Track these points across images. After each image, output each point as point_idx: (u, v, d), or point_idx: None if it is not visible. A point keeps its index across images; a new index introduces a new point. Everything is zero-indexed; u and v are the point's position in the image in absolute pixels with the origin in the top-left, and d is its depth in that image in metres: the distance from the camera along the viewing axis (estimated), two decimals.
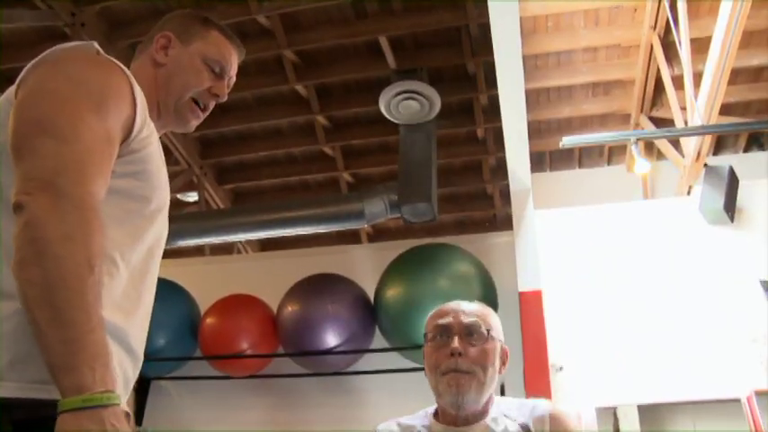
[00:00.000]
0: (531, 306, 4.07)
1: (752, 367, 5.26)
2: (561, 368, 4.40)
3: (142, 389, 4.77)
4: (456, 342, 1.64)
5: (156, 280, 1.25)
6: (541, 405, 1.69)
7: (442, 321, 1.70)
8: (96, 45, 1.21)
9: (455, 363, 1.63)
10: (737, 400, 5.92)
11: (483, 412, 1.68)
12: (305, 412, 4.35)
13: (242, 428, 4.49)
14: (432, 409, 1.76)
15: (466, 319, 1.69)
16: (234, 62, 1.44)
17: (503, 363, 1.74)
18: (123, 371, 1.10)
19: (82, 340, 0.90)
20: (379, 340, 4.08)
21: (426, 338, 1.73)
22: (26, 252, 0.92)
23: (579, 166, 6.15)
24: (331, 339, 3.95)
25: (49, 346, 0.89)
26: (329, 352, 3.99)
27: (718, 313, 4.54)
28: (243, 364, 4.29)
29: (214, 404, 4.60)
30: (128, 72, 1.18)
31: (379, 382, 4.03)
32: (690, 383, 5.37)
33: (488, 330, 1.69)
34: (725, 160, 4.97)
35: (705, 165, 4.56)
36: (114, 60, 1.18)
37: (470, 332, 1.67)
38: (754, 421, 5.79)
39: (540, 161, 5.96)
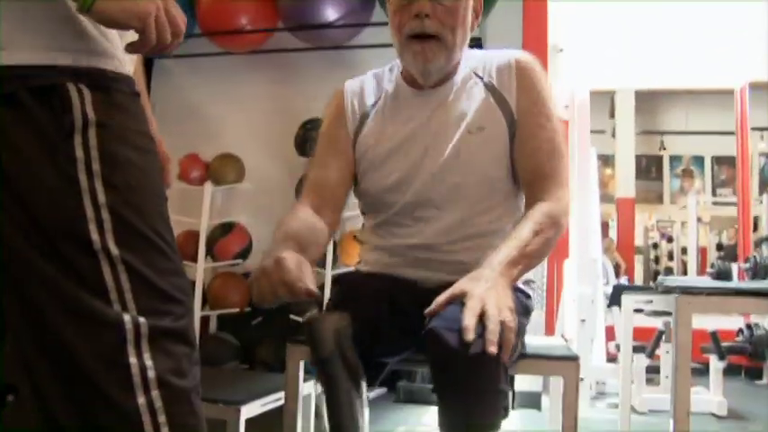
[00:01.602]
0: None
1: (751, 59, 5.27)
2: (561, 50, 4.42)
3: (145, 70, 4.84)
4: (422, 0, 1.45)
5: None
6: (509, 54, 1.56)
7: None
8: None
9: (420, 26, 1.46)
10: (731, 92, 6.08)
11: (451, 73, 1.58)
12: (305, 86, 4.45)
13: (244, 103, 4.65)
14: (400, 66, 1.64)
15: None
16: None
17: (476, 16, 1.57)
18: None
19: None
20: (379, 14, 4.02)
21: None
22: None
23: None
24: (331, 13, 3.90)
25: None
26: (329, 26, 3.96)
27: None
28: (243, 40, 4.28)
29: (216, 81, 4.69)
30: None
31: (380, 56, 4.05)
32: (688, 72, 5.45)
33: None
34: None
35: None
36: None
37: None
38: (742, 113, 6.00)
39: None
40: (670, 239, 9.51)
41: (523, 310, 1.48)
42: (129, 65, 1.03)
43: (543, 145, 1.49)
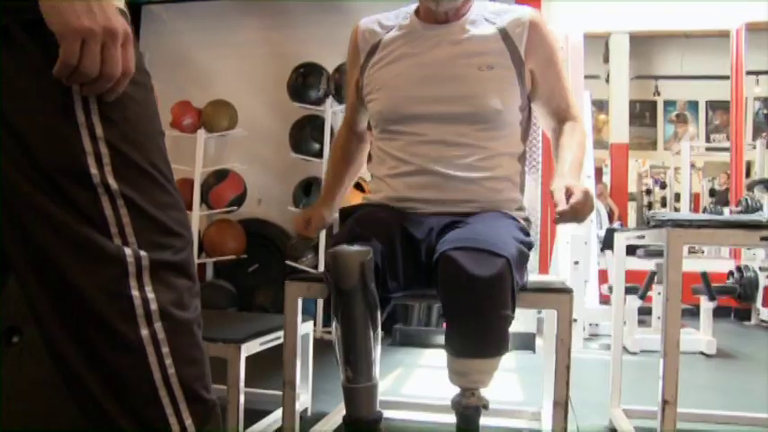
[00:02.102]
0: None
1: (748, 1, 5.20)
2: None
3: (133, 17, 4.75)
4: None
5: None
6: (522, 10, 1.75)
7: None
8: None
9: None
10: (727, 34, 6.01)
11: (462, 11, 1.75)
12: (297, 31, 4.39)
13: (235, 49, 4.59)
14: (414, 6, 1.81)
15: None
16: None
17: None
18: None
19: None
20: None
21: None
22: None
23: None
24: None
25: None
26: None
27: None
28: None
29: (207, 27, 4.62)
30: None
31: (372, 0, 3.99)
32: (683, 13, 5.37)
33: None
34: None
35: None
36: None
37: None
38: (737, 55, 5.94)
39: None
40: (663, 185, 9.52)
41: (527, 246, 1.58)
42: (118, 1, 1.01)
43: (563, 84, 1.78)
